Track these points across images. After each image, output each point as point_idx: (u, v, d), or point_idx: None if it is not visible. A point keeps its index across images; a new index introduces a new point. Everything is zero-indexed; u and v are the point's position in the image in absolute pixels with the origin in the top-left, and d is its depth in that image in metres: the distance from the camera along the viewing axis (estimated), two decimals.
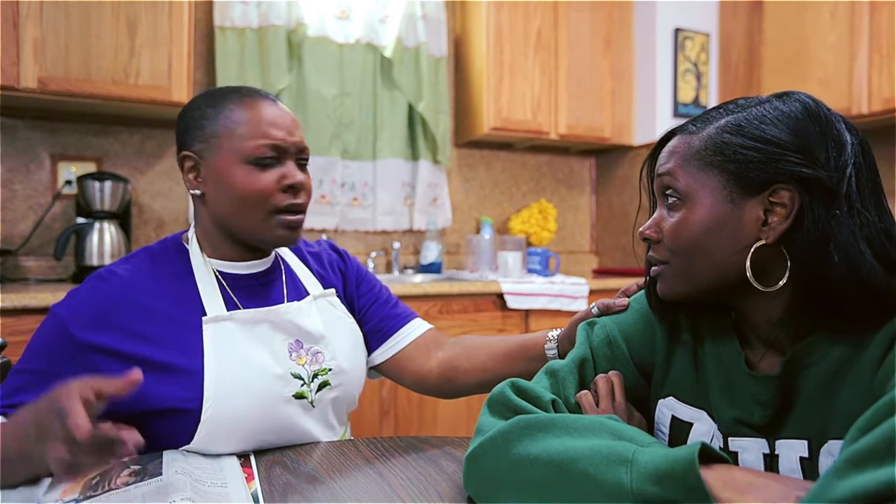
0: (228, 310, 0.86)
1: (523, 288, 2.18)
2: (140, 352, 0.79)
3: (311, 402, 0.88)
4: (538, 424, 0.58)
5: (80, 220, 2.08)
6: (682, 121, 2.85)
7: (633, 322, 0.75)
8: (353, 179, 2.65)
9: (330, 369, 0.91)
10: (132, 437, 0.56)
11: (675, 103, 2.83)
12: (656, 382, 0.73)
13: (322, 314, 0.95)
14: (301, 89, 2.51)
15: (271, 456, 0.79)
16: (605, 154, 3.15)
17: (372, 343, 1.03)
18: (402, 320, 1.05)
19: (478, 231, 2.85)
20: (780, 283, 0.58)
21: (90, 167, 2.24)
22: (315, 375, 0.89)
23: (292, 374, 0.86)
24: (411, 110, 2.70)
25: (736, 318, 0.66)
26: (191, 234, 0.92)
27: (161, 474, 0.65)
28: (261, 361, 0.84)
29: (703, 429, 0.67)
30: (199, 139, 0.86)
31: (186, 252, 0.90)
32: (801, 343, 0.59)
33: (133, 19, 1.96)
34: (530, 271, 2.52)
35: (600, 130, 2.81)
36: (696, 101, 2.88)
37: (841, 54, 2.32)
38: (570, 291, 2.24)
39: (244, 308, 0.88)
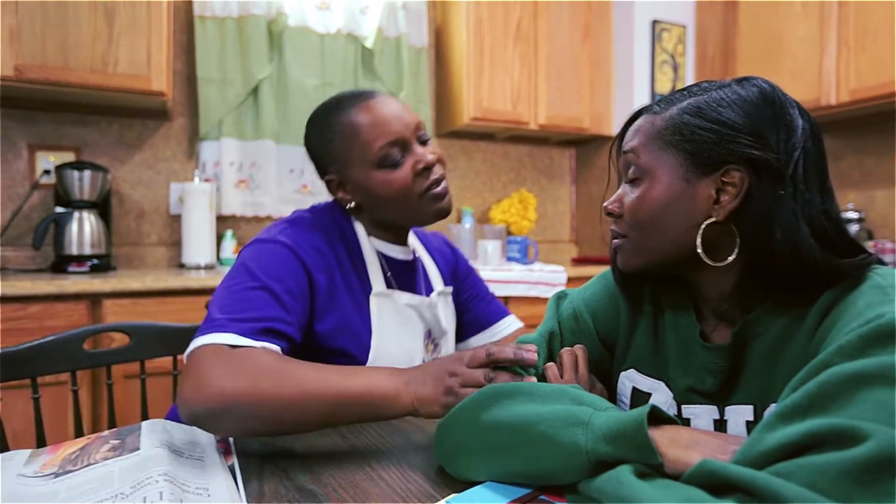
0: (387, 288, 0.96)
1: (502, 275, 2.22)
2: (337, 298, 0.89)
3: None
4: (504, 392, 0.61)
5: (59, 209, 2.07)
6: None
7: (598, 296, 0.79)
8: None
9: None
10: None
11: (653, 94, 2.88)
12: (619, 355, 0.77)
13: (444, 310, 1.06)
14: (282, 80, 2.52)
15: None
16: (584, 144, 3.19)
17: (469, 332, 1.15)
18: (499, 314, 1.17)
19: (459, 220, 2.88)
20: (730, 258, 0.61)
21: (69, 157, 2.23)
22: None
23: (423, 359, 0.98)
24: None
25: (691, 292, 0.70)
26: (351, 212, 0.98)
27: (139, 448, 0.67)
28: (408, 340, 0.96)
29: (661, 398, 0.70)
30: (331, 162, 0.94)
31: (353, 228, 0.97)
32: (749, 315, 0.63)
33: (111, 7, 1.96)
34: (510, 259, 2.55)
35: (579, 121, 2.85)
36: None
37: (811, 47, 2.37)
38: (548, 279, 2.28)
39: (398, 290, 0.98)
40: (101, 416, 1.74)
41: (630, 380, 0.74)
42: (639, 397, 0.73)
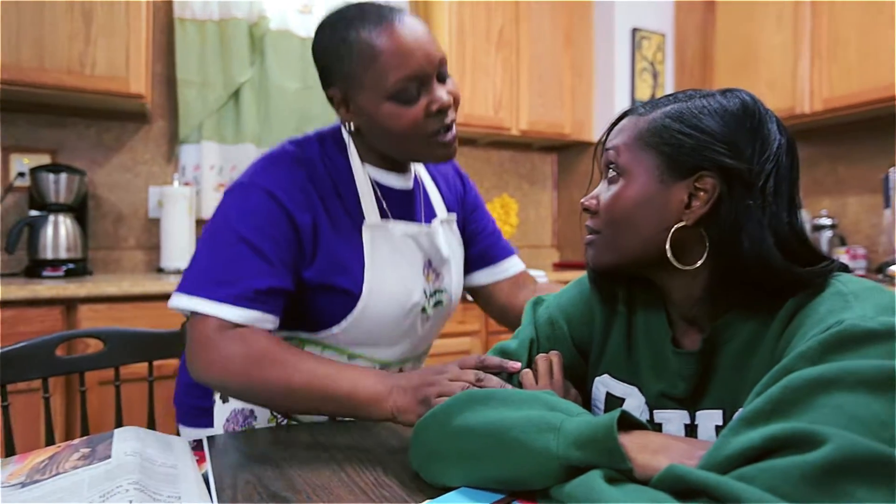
0: (381, 219, 0.92)
1: None
2: (325, 238, 0.87)
3: (428, 317, 0.98)
4: (478, 398, 0.62)
5: (34, 213, 2.04)
6: None
7: (574, 301, 0.80)
8: None
9: (445, 290, 1.00)
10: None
11: (633, 101, 2.91)
12: (593, 360, 0.77)
13: (446, 238, 1.02)
14: (263, 83, 2.50)
15: (223, 440, 0.81)
16: (566, 150, 3.22)
17: (474, 266, 1.11)
18: (506, 252, 1.14)
19: None
20: (698, 263, 0.63)
21: (44, 159, 2.19)
22: (434, 293, 0.98)
23: (423, 290, 0.95)
24: None
25: (662, 296, 0.71)
26: (346, 138, 0.94)
27: (110, 456, 0.66)
28: (406, 270, 0.93)
29: (634, 403, 0.71)
30: (340, 77, 0.85)
31: (347, 154, 0.93)
32: (718, 321, 0.64)
33: (89, 8, 1.93)
34: None
35: (561, 127, 2.87)
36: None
37: (786, 56, 2.42)
38: None
39: (392, 218, 0.94)
40: (75, 423, 1.71)
41: (604, 385, 0.75)
42: (613, 402, 0.74)
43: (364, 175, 0.92)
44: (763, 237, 0.58)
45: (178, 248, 2.27)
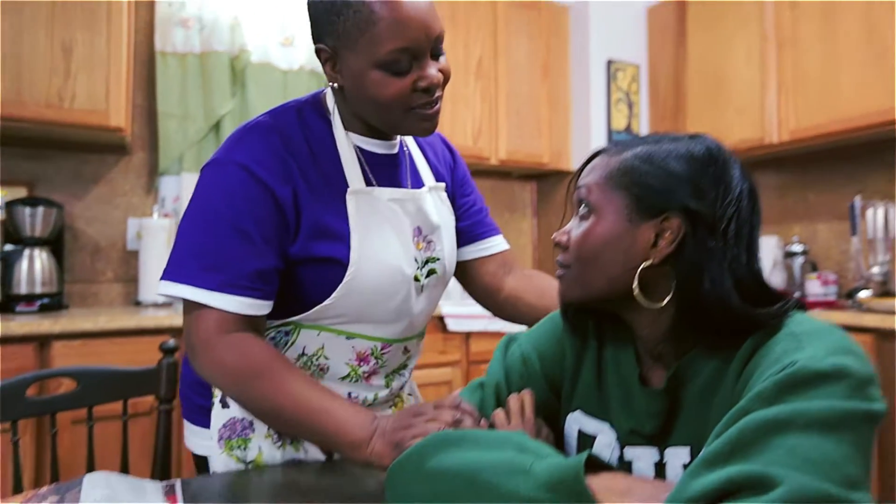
0: (366, 185, 0.90)
1: (463, 310, 2.24)
2: (307, 208, 0.84)
3: (422, 287, 0.95)
4: (451, 439, 0.62)
5: (9, 247, 2.01)
6: None
7: (546, 338, 0.81)
8: None
9: (438, 258, 0.97)
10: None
11: (609, 130, 2.98)
12: (565, 396, 0.78)
13: (436, 206, 0.99)
14: (244, 114, 2.52)
15: (198, 483, 0.80)
16: (545, 178, 3.27)
17: (461, 241, 1.09)
18: (492, 230, 1.12)
19: None
20: (664, 302, 0.64)
21: (20, 192, 2.17)
22: (427, 262, 0.95)
23: (414, 258, 0.92)
24: None
25: (630, 332, 0.72)
26: (330, 104, 0.92)
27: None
28: (394, 238, 0.90)
29: (606, 440, 0.72)
30: (331, 34, 0.82)
31: (329, 122, 0.91)
32: (683, 358, 0.66)
33: (69, 42, 1.94)
34: None
35: (539, 156, 2.92)
36: (628, 129, 3.03)
37: (754, 89, 2.50)
38: None
39: (377, 185, 0.91)
40: (45, 465, 1.67)
41: (576, 421, 0.76)
42: (585, 439, 0.74)
43: (347, 142, 0.90)
44: (723, 279, 0.61)
45: (157, 279, 2.24)
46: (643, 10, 3.09)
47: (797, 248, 2.56)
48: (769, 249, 2.62)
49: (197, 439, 0.96)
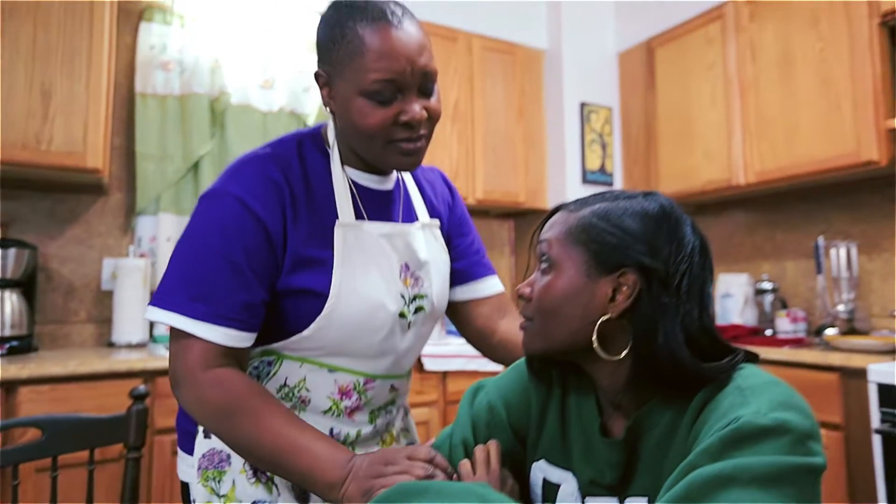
0: (356, 219, 0.91)
1: (440, 350, 2.24)
2: (293, 239, 0.85)
3: (409, 324, 0.94)
4: (414, 490, 0.63)
5: None
6: (590, 187, 3.06)
7: (512, 387, 0.82)
8: None
9: (425, 295, 0.97)
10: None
11: (584, 170, 3.05)
12: (530, 445, 0.80)
13: (427, 242, 0.99)
14: (223, 154, 2.54)
15: None
16: (522, 216, 3.32)
17: (455, 281, 1.08)
18: (488, 271, 1.12)
19: None
20: (622, 354, 0.67)
21: None
22: (414, 298, 0.95)
23: (399, 294, 0.92)
24: None
25: (592, 382, 0.74)
26: (330, 138, 0.94)
27: None
28: (378, 273, 0.90)
29: (569, 489, 0.73)
30: (327, 61, 0.86)
31: (327, 154, 0.93)
32: (641, 409, 0.68)
33: (48, 86, 1.96)
34: (449, 333, 2.58)
35: (515, 195, 2.98)
36: (602, 169, 3.11)
37: (720, 132, 2.60)
38: None
39: (369, 220, 0.93)
40: None
41: (541, 470, 0.77)
42: (549, 488, 0.76)
43: (342, 175, 0.92)
44: (675, 333, 0.63)
45: (132, 320, 2.23)
46: (615, 54, 3.21)
47: (767, 285, 2.63)
48: (740, 286, 2.68)
49: (183, 465, 0.97)
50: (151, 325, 2.37)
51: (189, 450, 0.94)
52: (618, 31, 3.20)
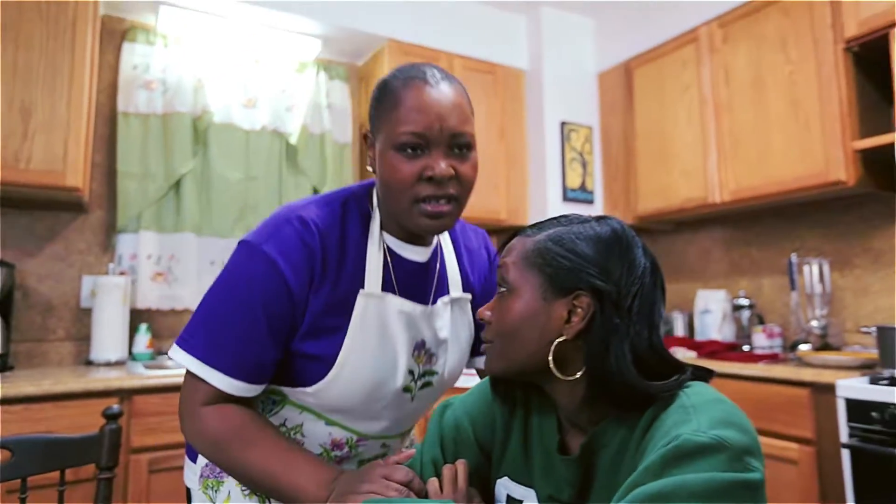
0: (384, 289, 0.91)
1: None
2: (313, 307, 0.87)
3: (412, 397, 0.96)
4: None
5: None
6: (570, 204, 3.09)
7: (478, 405, 0.84)
8: None
9: (436, 372, 0.98)
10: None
11: (564, 188, 3.09)
12: (495, 462, 0.81)
13: (452, 318, 0.99)
14: (205, 172, 2.56)
15: None
16: (505, 233, 3.35)
17: (477, 350, 1.08)
18: None
19: None
20: (577, 374, 0.69)
21: None
22: (423, 374, 0.96)
23: (409, 370, 0.93)
24: (316, 193, 2.80)
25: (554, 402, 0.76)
26: (375, 200, 0.94)
27: None
28: (390, 348, 0.91)
29: None
30: (372, 120, 0.89)
31: (369, 217, 0.93)
32: (596, 427, 0.70)
33: (28, 105, 1.97)
34: None
35: (497, 213, 3.01)
36: (582, 187, 3.16)
37: (696, 151, 2.65)
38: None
39: (398, 293, 0.93)
40: None
41: (505, 487, 0.79)
42: None
43: (378, 243, 0.92)
44: (624, 353, 0.65)
45: (111, 338, 2.22)
46: (594, 74, 3.27)
47: (744, 301, 2.67)
48: (718, 302, 2.72)
49: (189, 472, 1.01)
50: (131, 342, 2.36)
51: (194, 458, 0.99)
52: (597, 51, 3.27)
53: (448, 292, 1.00)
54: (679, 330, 2.95)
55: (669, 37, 2.81)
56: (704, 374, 0.71)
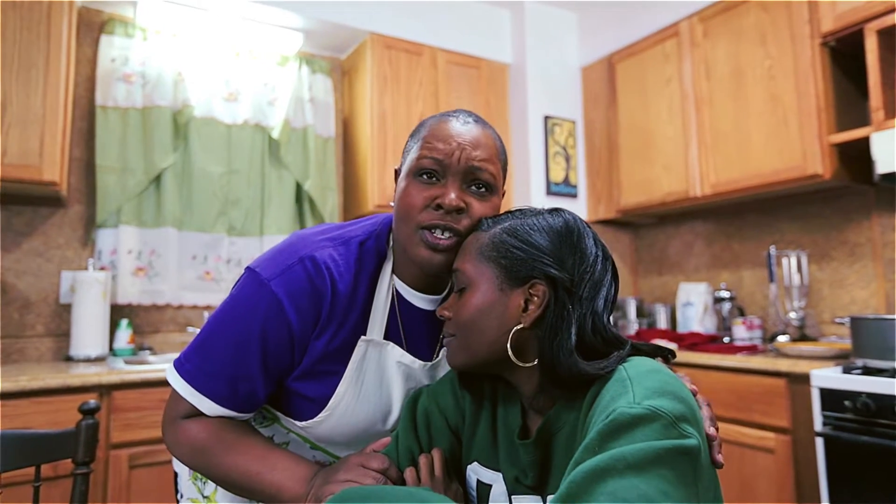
0: (388, 337, 0.90)
1: None
2: (312, 352, 0.86)
3: None
4: (358, 495, 0.65)
5: None
6: (554, 198, 3.10)
7: (447, 392, 0.86)
8: (240, 256, 2.67)
9: None
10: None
11: (548, 182, 3.11)
12: (465, 447, 0.83)
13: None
14: (187, 167, 2.54)
15: None
16: None
17: None
18: None
19: None
20: (534, 361, 0.70)
21: None
22: None
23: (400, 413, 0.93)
24: (299, 187, 2.79)
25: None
26: (391, 240, 0.92)
27: None
28: (385, 395, 0.91)
29: (500, 489, 0.76)
30: (403, 155, 0.90)
31: (384, 259, 0.91)
32: (550, 411, 0.71)
33: (2, 98, 1.94)
34: None
35: None
36: (566, 181, 3.17)
37: (678, 145, 2.67)
38: None
39: (403, 341, 0.91)
40: None
41: (474, 472, 0.80)
42: (483, 488, 0.79)
43: (388, 288, 0.90)
44: (568, 337, 0.68)
45: (91, 334, 2.20)
46: (578, 69, 3.28)
47: (725, 293, 2.70)
48: (699, 295, 2.75)
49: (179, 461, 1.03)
50: (112, 338, 2.35)
51: None
52: (580, 46, 3.28)
53: None
54: (662, 322, 2.98)
55: (651, 31, 2.82)
56: (667, 354, 0.73)
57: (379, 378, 0.89)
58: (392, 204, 0.89)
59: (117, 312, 2.39)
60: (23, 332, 2.25)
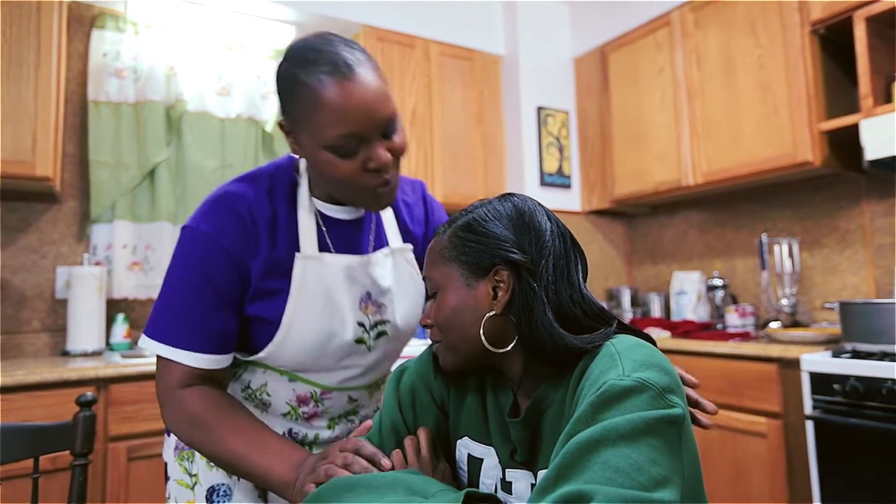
0: (320, 250, 0.94)
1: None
2: (255, 272, 0.90)
3: (369, 348, 0.99)
4: (344, 485, 0.67)
5: None
6: (548, 189, 3.11)
7: (429, 369, 0.86)
8: None
9: (388, 321, 1.00)
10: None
11: (542, 173, 3.12)
12: (452, 423, 0.84)
13: (395, 268, 1.02)
14: (180, 161, 2.54)
15: None
16: None
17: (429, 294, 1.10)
18: None
19: None
20: (511, 346, 0.72)
21: None
22: (375, 325, 0.99)
23: (358, 323, 0.96)
24: None
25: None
26: (302, 168, 0.96)
27: None
28: (335, 304, 0.94)
29: (491, 463, 0.78)
30: (287, 112, 0.86)
31: (297, 185, 0.95)
32: (538, 390, 0.73)
33: None
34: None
35: (474, 197, 3.02)
36: (559, 171, 3.18)
37: (670, 134, 2.69)
38: None
39: (334, 251, 0.96)
40: None
41: (465, 447, 0.82)
42: (474, 463, 0.80)
43: (309, 208, 0.94)
44: (545, 313, 0.69)
45: (87, 329, 2.21)
46: (570, 59, 3.29)
47: (718, 281, 2.72)
48: (693, 283, 2.77)
49: (165, 446, 1.07)
50: (108, 333, 2.35)
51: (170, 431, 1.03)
52: (573, 36, 3.28)
53: (386, 244, 1.02)
54: (656, 311, 3.00)
55: (643, 21, 2.83)
56: (647, 339, 0.74)
57: (324, 289, 0.93)
58: (296, 157, 0.94)
59: (113, 307, 2.40)
60: (19, 328, 2.26)
